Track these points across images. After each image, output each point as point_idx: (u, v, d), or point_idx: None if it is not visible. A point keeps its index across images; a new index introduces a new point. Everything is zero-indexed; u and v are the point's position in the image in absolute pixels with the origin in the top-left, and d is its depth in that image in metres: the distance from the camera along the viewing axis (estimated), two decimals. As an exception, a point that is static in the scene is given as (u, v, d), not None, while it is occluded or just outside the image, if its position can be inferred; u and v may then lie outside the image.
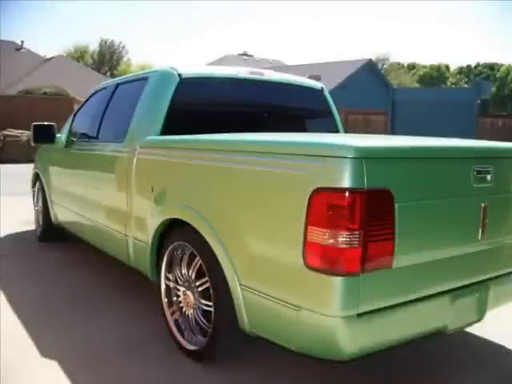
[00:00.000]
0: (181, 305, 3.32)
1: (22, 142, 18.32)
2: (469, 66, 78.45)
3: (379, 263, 2.28)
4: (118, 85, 4.71)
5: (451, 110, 16.17)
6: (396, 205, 2.29)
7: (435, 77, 72.46)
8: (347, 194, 2.17)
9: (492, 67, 73.73)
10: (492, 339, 3.61)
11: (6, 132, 19.05)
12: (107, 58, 65.85)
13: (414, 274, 2.47)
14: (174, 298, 3.38)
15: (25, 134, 18.15)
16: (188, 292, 3.22)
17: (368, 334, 2.34)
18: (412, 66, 78.72)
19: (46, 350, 3.28)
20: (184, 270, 3.26)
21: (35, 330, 3.59)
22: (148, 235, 3.55)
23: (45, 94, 24.59)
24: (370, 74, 39.09)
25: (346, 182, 2.16)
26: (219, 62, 50.79)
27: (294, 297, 2.39)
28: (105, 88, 5.05)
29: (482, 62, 77.57)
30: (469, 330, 3.57)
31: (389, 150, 2.41)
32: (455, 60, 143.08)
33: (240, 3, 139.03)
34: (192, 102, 4.00)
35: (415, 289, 2.49)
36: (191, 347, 3.19)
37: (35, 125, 5.58)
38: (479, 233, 2.73)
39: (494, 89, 56.54)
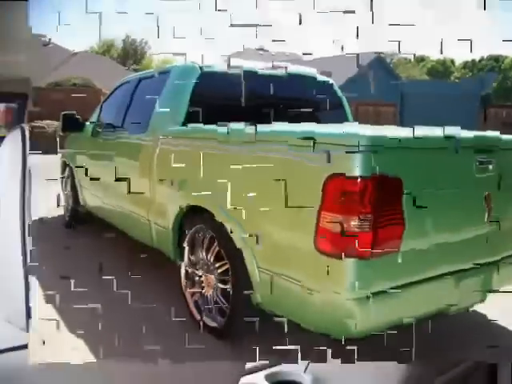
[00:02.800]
0: (202, 285, 3.34)
1: (48, 134, 18.35)
2: (473, 61, 77.35)
3: (389, 246, 2.30)
4: (140, 79, 4.74)
5: (457, 101, 16.03)
6: (405, 191, 2.31)
7: (441, 71, 71.59)
8: (359, 180, 2.18)
9: (497, 59, 72.60)
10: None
11: (33, 123, 19.09)
12: (131, 53, 65.72)
13: (422, 257, 2.48)
14: (195, 279, 3.41)
15: (52, 126, 18.18)
16: (208, 274, 3.25)
17: (379, 314, 2.36)
18: (421, 59, 77.76)
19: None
20: (204, 253, 3.29)
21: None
22: (169, 220, 3.58)
23: (74, 85, 24.47)
24: (380, 67, 38.70)
25: (358, 170, 2.18)
26: (238, 55, 50.54)
27: (308, 279, 2.41)
28: (128, 82, 5.07)
29: (485, 56, 76.37)
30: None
31: (398, 140, 2.42)
32: (460, 54, 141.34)
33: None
34: (212, 94, 3.99)
35: (424, 270, 2.50)
36: (212, 324, 3.21)
37: (64, 114, 5.58)
38: (485, 217, 2.74)
39: (498, 80, 55.67)
